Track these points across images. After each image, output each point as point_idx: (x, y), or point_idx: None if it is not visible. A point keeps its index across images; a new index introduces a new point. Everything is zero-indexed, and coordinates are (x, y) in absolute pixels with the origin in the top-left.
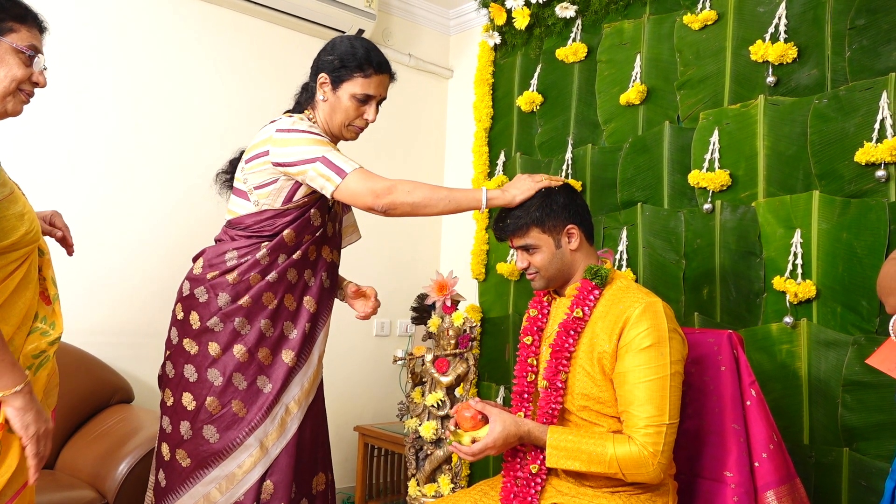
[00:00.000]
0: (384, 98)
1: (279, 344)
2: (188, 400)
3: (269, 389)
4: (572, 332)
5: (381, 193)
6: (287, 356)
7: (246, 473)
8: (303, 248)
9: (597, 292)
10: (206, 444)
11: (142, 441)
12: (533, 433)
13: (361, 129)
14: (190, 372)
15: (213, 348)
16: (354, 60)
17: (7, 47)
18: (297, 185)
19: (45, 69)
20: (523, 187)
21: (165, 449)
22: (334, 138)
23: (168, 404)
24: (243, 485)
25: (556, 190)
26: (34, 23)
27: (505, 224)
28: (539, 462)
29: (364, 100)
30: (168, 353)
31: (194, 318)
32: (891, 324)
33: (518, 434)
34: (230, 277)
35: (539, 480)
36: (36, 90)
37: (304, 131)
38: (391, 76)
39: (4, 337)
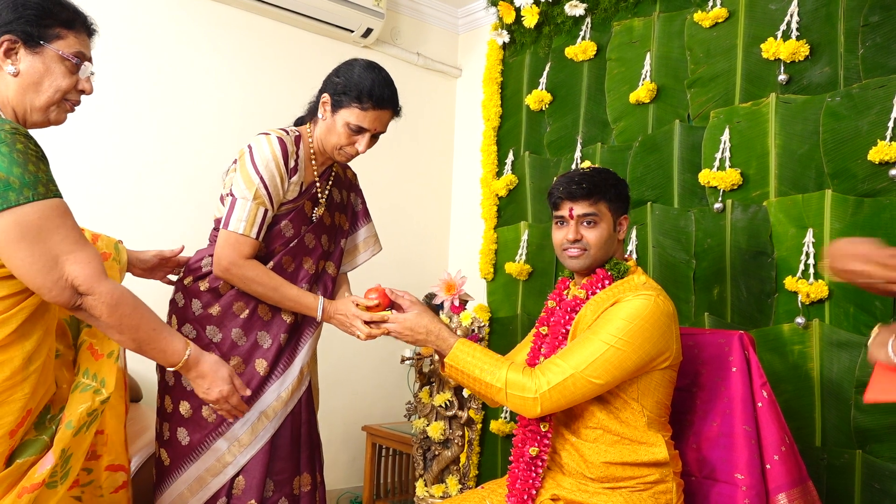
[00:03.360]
0: (382, 132)
1: (252, 353)
2: (168, 402)
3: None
4: (569, 310)
5: (223, 266)
6: (260, 366)
7: (213, 477)
8: (275, 258)
9: (607, 282)
10: (179, 445)
11: (149, 440)
12: (442, 334)
13: (353, 157)
14: (168, 376)
15: None
16: (356, 90)
17: (53, 55)
18: None
19: (91, 75)
20: (355, 328)
21: (156, 447)
22: (328, 157)
23: (158, 406)
24: (211, 488)
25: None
26: (83, 27)
27: (580, 187)
28: (537, 444)
29: (357, 130)
30: None
31: (173, 323)
32: (889, 345)
33: (427, 328)
34: (202, 285)
35: (539, 463)
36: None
37: (254, 166)
38: (394, 112)
39: (26, 352)
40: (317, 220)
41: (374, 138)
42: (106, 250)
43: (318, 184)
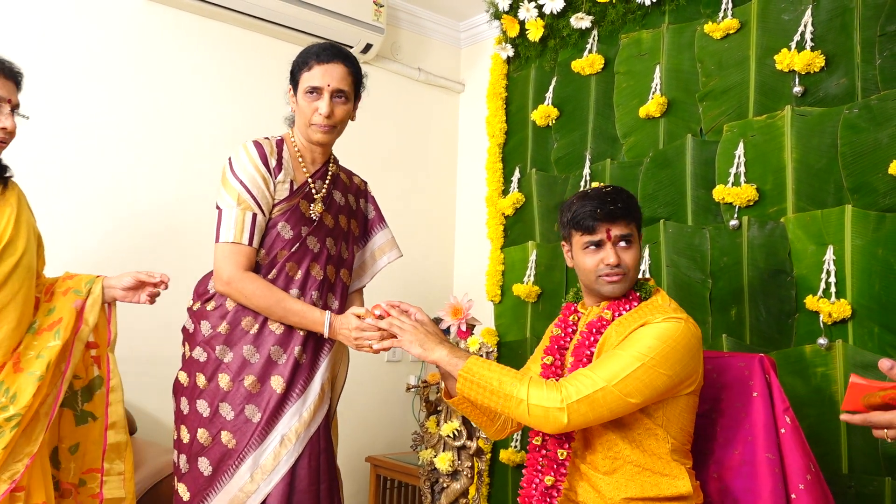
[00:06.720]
0: (342, 90)
1: (267, 370)
2: (184, 433)
3: (259, 419)
4: (594, 331)
5: (224, 280)
6: (276, 383)
7: None
8: (279, 264)
9: (635, 303)
10: (201, 476)
11: (143, 476)
12: (455, 349)
13: (324, 127)
14: (184, 405)
15: (200, 379)
16: (302, 60)
17: None
18: None
19: (9, 112)
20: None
21: (174, 481)
22: (317, 154)
23: (174, 437)
24: None
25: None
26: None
27: (616, 206)
28: (553, 473)
29: (312, 92)
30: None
31: (186, 349)
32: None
33: (440, 335)
34: (209, 306)
35: (555, 494)
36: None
37: (234, 173)
38: (347, 66)
39: None
40: (317, 221)
41: (338, 100)
42: (72, 285)
43: (311, 182)
